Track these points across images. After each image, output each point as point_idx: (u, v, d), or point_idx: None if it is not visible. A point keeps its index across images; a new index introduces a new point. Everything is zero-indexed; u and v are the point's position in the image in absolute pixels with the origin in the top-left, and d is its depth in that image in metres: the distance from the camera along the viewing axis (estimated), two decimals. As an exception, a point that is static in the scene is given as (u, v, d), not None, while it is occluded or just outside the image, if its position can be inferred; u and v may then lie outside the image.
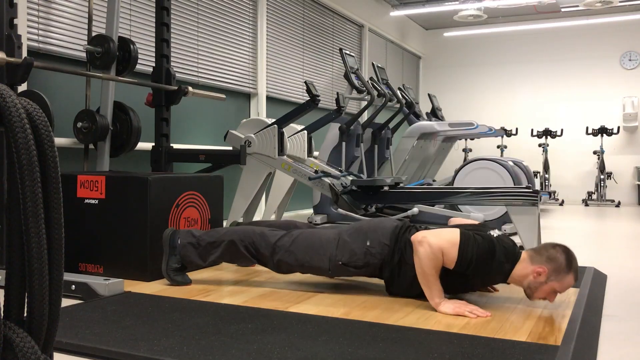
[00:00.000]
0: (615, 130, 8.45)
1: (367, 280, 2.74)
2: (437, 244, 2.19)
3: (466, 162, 5.11)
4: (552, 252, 2.20)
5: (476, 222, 2.63)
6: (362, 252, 2.41)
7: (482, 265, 2.20)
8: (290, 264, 2.52)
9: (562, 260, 2.18)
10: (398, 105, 5.99)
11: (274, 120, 4.04)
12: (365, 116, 6.16)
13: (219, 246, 2.60)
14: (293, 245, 2.50)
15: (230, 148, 4.05)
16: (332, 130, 5.17)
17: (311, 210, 5.42)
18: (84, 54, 3.53)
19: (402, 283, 2.41)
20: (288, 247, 2.51)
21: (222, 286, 2.65)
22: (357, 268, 2.44)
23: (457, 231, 2.24)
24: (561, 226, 5.71)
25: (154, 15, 3.75)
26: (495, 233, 2.30)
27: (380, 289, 2.56)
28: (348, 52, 5.20)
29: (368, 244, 2.42)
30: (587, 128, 8.60)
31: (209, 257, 2.61)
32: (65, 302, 2.29)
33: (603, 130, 8.45)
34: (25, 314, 0.91)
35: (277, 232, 2.60)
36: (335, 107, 4.50)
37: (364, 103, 5.45)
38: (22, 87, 3.09)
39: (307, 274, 2.59)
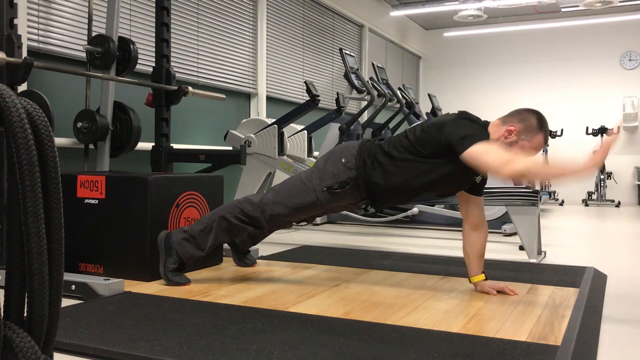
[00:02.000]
0: (615, 130, 8.45)
1: (368, 280, 2.74)
2: (485, 157, 2.19)
3: (466, 162, 5.10)
4: (524, 113, 2.33)
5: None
6: (340, 169, 2.47)
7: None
8: (282, 213, 2.56)
9: (534, 120, 2.30)
10: (398, 105, 5.99)
11: (274, 120, 4.04)
12: (365, 116, 6.16)
13: (211, 229, 2.62)
14: (278, 196, 2.56)
15: (230, 148, 4.05)
16: (332, 130, 5.17)
17: (311, 210, 5.41)
18: (84, 54, 3.53)
19: (385, 189, 2.43)
20: (274, 199, 2.56)
21: (222, 286, 2.64)
22: (342, 187, 2.46)
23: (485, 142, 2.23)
24: (561, 226, 5.71)
25: (154, 15, 3.75)
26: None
27: (381, 289, 2.56)
28: (348, 52, 5.21)
29: (343, 160, 2.47)
30: (587, 128, 8.60)
31: (206, 243, 2.63)
32: (65, 302, 2.28)
33: (603, 130, 8.46)
34: (25, 314, 0.91)
35: (258, 194, 2.70)
36: (335, 107, 4.50)
37: (364, 103, 5.45)
38: (22, 87, 3.09)
39: (301, 218, 2.64)
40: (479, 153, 2.18)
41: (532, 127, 2.29)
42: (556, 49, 9.35)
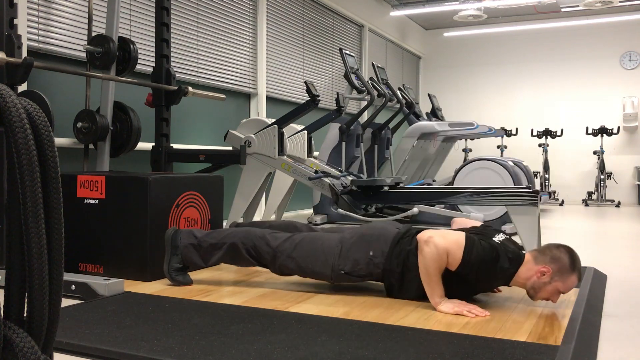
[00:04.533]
0: (615, 130, 8.45)
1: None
2: (443, 244, 2.20)
3: (466, 162, 5.11)
4: (556, 252, 2.22)
5: (478, 224, 2.61)
6: (364, 262, 2.41)
7: (485, 271, 2.20)
8: (291, 268, 2.53)
9: (566, 260, 2.19)
10: (398, 105, 5.99)
11: (274, 120, 4.03)
12: (365, 116, 6.16)
13: (221, 248, 2.59)
14: (295, 251, 2.50)
15: (230, 148, 4.05)
16: (332, 130, 5.17)
17: (311, 210, 5.42)
18: (84, 54, 3.53)
19: (407, 290, 2.41)
20: (290, 252, 2.51)
21: (222, 286, 2.65)
22: (359, 277, 2.45)
23: (463, 234, 2.25)
24: (561, 226, 5.71)
25: (154, 15, 3.75)
26: (499, 238, 2.30)
27: (381, 289, 2.56)
28: (348, 52, 5.20)
29: (371, 253, 2.41)
30: (587, 128, 8.60)
31: (211, 258, 2.62)
32: (65, 302, 2.29)
33: (603, 130, 8.45)
34: (25, 314, 0.91)
35: (278, 235, 2.60)
36: (335, 107, 4.50)
37: (364, 103, 5.45)
38: (22, 87, 3.09)
39: (307, 278, 2.59)
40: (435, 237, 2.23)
41: (565, 268, 2.18)
42: (556, 49, 9.35)
